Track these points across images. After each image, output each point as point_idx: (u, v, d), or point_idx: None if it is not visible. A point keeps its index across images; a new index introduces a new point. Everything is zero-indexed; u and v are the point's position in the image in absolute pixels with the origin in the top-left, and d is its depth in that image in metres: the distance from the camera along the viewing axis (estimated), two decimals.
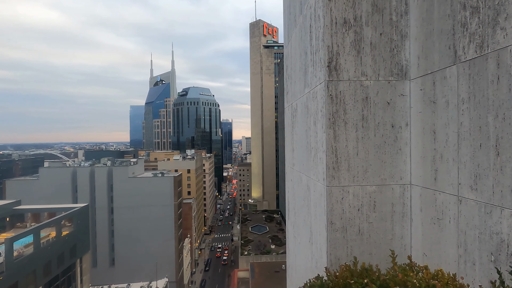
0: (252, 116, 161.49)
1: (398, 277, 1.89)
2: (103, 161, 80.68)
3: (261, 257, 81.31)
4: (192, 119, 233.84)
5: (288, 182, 5.66)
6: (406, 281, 1.85)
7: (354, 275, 2.08)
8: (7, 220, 41.65)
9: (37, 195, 67.39)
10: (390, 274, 2.00)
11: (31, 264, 32.11)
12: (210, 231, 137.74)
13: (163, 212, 74.74)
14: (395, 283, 1.86)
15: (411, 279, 1.86)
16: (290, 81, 5.31)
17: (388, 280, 1.92)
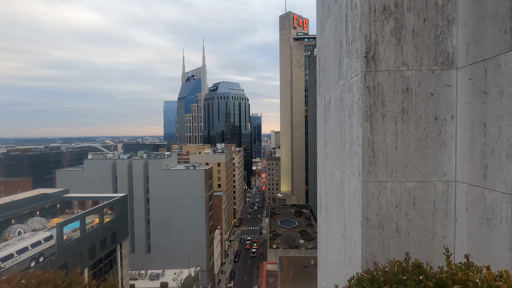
0: (282, 110, 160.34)
1: (457, 276, 1.78)
2: (140, 153, 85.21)
3: (290, 251, 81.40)
4: (222, 114, 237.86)
5: (320, 177, 5.57)
6: (466, 280, 1.72)
7: (406, 272, 1.99)
8: (58, 206, 45.86)
9: (82, 184, 73.14)
10: (445, 273, 1.89)
11: (78, 247, 35.15)
12: (240, 223, 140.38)
13: (194, 204, 77.47)
14: (454, 281, 1.75)
15: (473, 278, 1.74)
16: (323, 74, 5.18)
17: (445, 278, 1.81)
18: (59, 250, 31.81)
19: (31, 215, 40.69)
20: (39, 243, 30.36)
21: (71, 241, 34.43)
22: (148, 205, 79.18)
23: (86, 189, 65.32)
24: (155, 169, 78.32)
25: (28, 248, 29.09)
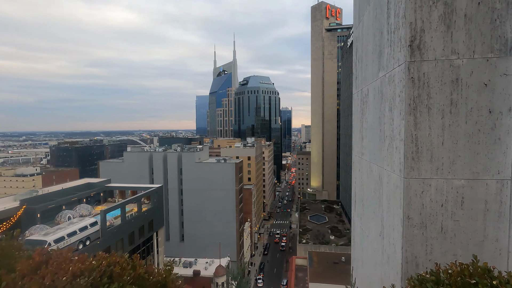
0: (313, 103, 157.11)
1: None
2: (174, 147, 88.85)
3: (320, 247, 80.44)
4: (252, 108, 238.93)
5: (355, 172, 5.40)
6: None
7: (474, 275, 1.85)
8: (101, 195, 49.56)
9: (122, 175, 78.20)
10: None
11: (119, 233, 37.83)
12: (269, 217, 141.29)
13: (225, 196, 79.33)
14: None
15: None
16: (361, 65, 4.97)
17: None
18: (103, 235, 34.46)
19: (78, 202, 44.45)
20: (85, 227, 33.12)
21: (113, 227, 37.11)
22: (181, 196, 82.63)
23: (126, 179, 69.75)
24: (188, 161, 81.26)
25: (76, 232, 31.88)
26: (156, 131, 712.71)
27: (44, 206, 38.47)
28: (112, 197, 52.20)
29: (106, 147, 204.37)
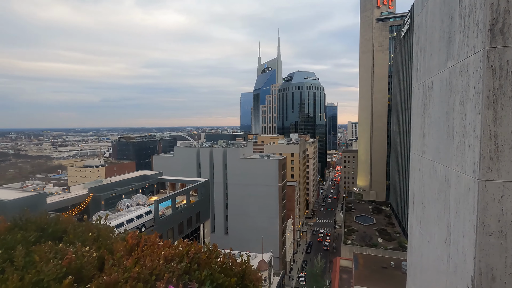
0: (361, 98, 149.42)
1: None
2: (220, 143, 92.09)
3: (366, 249, 76.75)
4: (296, 104, 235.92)
5: (414, 172, 4.98)
6: None
7: None
8: (154, 186, 53.65)
9: (172, 168, 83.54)
10: None
11: (170, 222, 40.62)
12: (312, 215, 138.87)
13: (268, 192, 79.97)
14: None
15: None
16: (423, 55, 4.53)
17: None
18: (156, 223, 37.33)
19: (135, 192, 48.75)
20: (141, 215, 36.22)
21: (165, 216, 39.96)
22: (226, 191, 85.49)
23: (176, 172, 74.38)
24: (233, 157, 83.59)
25: (134, 219, 35.03)
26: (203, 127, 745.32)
27: (107, 194, 42.93)
28: (164, 189, 56.17)
29: (158, 142, 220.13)
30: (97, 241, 2.41)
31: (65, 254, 1.88)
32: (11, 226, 2.36)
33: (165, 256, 2.00)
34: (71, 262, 1.93)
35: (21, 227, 2.39)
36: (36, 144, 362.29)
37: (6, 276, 1.75)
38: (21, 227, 2.39)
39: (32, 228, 2.35)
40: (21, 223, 2.40)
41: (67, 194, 43.24)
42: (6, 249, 1.92)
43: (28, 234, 2.24)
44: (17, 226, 2.37)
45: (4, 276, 1.67)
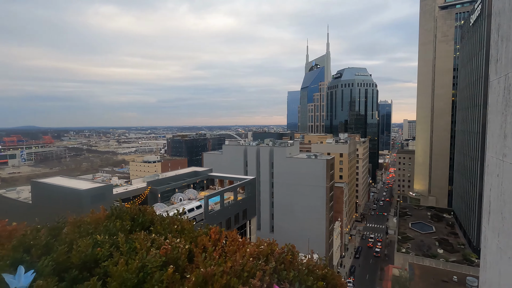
0: (419, 95, 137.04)
1: None
2: (266, 141, 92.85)
3: (424, 260, 70.45)
4: (346, 102, 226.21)
5: (491, 177, 4.39)
6: None
7: None
8: (204, 182, 56.37)
9: (221, 165, 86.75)
10: None
11: (219, 217, 42.30)
12: (362, 218, 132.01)
13: (315, 192, 78.23)
14: None
15: None
16: (506, 44, 3.96)
17: None
18: (205, 217, 39.21)
19: (187, 187, 51.83)
20: (193, 209, 38.36)
21: (214, 211, 41.73)
22: (272, 189, 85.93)
23: (224, 169, 77.12)
24: (279, 156, 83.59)
25: (186, 212, 37.30)
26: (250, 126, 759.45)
27: (163, 188, 46.40)
28: (213, 185, 58.66)
29: (208, 140, 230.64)
30: (182, 234, 2.60)
31: (160, 244, 2.08)
32: (109, 214, 2.68)
33: (251, 253, 2.07)
34: (167, 252, 2.05)
35: (117, 216, 2.69)
36: (104, 141, 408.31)
37: (116, 260, 1.91)
38: (117, 216, 2.69)
39: (127, 218, 2.64)
40: (117, 213, 2.71)
41: (129, 186, 47.88)
42: (110, 234, 2.18)
43: (125, 223, 2.51)
44: (114, 215, 2.68)
45: (114, 260, 1.85)
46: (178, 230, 2.63)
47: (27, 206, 39.23)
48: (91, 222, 2.58)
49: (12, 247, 2.06)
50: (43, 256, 2.01)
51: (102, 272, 1.91)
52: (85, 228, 2.41)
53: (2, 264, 1.80)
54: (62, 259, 1.92)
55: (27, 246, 2.08)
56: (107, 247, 2.10)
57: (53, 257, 1.91)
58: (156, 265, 1.94)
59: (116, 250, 2.09)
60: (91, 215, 2.68)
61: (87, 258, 1.97)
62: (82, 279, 1.85)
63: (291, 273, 2.10)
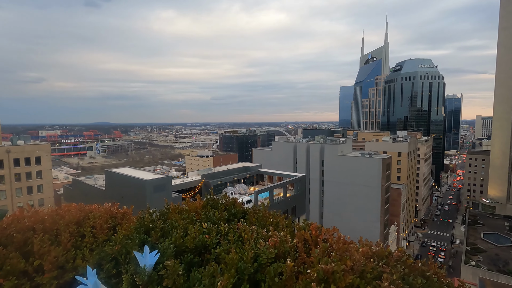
0: (498, 87, 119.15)
1: None
2: (317, 138, 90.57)
3: (499, 276, 61.62)
4: (405, 97, 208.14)
5: None
6: None
7: None
8: (254, 177, 57.53)
9: (270, 161, 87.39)
10: None
11: None
12: (422, 224, 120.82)
13: (369, 193, 73.98)
14: None
15: None
16: None
17: None
18: None
19: (238, 181, 53.52)
20: (243, 204, 39.56)
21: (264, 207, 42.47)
22: (322, 187, 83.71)
23: (273, 166, 77.57)
24: (330, 154, 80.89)
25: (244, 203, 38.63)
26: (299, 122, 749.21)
27: (215, 181, 48.67)
28: (262, 181, 59.54)
29: (258, 137, 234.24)
30: (277, 227, 2.67)
31: (265, 236, 2.21)
32: (204, 203, 2.89)
33: (364, 253, 1.99)
34: (275, 245, 2.09)
35: (211, 206, 2.89)
36: (164, 136, 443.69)
37: (226, 248, 2.02)
38: (211, 206, 2.90)
39: (222, 208, 2.82)
40: (211, 203, 2.91)
41: (185, 179, 51.36)
42: (211, 223, 2.37)
43: (224, 213, 2.70)
44: (209, 205, 2.89)
45: (224, 247, 2.02)
46: (273, 223, 2.69)
47: (102, 191, 44.82)
48: (190, 210, 2.80)
49: (134, 228, 2.28)
50: (161, 238, 2.20)
51: (212, 258, 2.04)
52: (190, 216, 2.57)
53: (131, 243, 2.03)
54: (179, 243, 2.07)
55: (146, 228, 2.29)
56: (214, 234, 2.20)
57: (172, 240, 2.08)
58: (270, 257, 1.98)
59: (223, 239, 2.18)
60: (189, 204, 2.90)
61: (198, 244, 2.13)
62: (196, 263, 2.01)
63: (418, 280, 1.89)
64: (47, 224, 2.26)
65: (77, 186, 53.99)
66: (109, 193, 42.46)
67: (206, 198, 2.94)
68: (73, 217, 2.38)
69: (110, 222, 2.43)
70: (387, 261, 1.90)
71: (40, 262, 1.93)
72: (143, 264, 1.79)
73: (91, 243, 2.23)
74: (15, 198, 62.91)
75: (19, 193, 63.42)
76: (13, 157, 62.70)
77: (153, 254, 1.82)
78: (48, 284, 1.87)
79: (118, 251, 2.05)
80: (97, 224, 2.35)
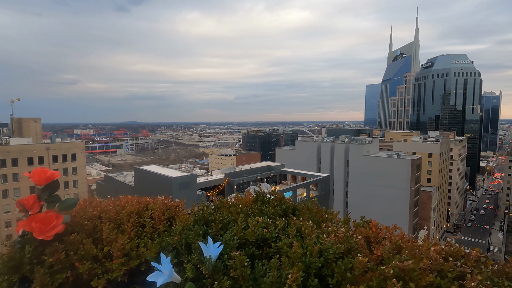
0: None
1: None
2: (342, 138, 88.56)
3: None
4: (437, 95, 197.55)
5: None
6: None
7: None
8: (277, 177, 57.41)
9: (293, 161, 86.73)
10: None
11: None
12: (455, 229, 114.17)
13: (396, 195, 71.17)
14: None
15: None
16: None
17: None
18: None
19: (261, 180, 53.68)
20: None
21: None
22: (347, 188, 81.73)
23: (296, 165, 76.91)
24: (356, 154, 78.73)
25: None
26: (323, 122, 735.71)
27: (239, 180, 49.14)
28: (285, 180, 59.25)
29: (281, 136, 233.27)
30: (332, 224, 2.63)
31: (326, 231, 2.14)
32: (254, 199, 2.93)
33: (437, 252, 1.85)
34: (340, 241, 2.05)
35: (262, 201, 2.93)
36: (188, 135, 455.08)
37: (287, 242, 1.99)
38: (262, 200, 2.93)
39: (274, 203, 2.85)
40: (261, 198, 2.93)
41: (209, 177, 52.33)
42: (268, 217, 2.40)
43: (277, 208, 2.73)
44: (259, 200, 2.93)
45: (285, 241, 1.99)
46: (327, 219, 2.64)
47: (131, 188, 46.88)
48: (241, 204, 2.82)
49: (194, 220, 2.37)
50: (220, 230, 2.27)
51: (273, 251, 2.04)
52: (244, 210, 2.62)
53: (195, 233, 2.09)
54: (239, 235, 2.10)
55: (206, 220, 2.37)
56: (273, 228, 2.18)
57: (234, 232, 2.12)
58: (338, 252, 1.95)
59: (282, 233, 2.15)
60: (239, 198, 2.97)
61: (259, 237, 2.12)
62: (257, 256, 2.04)
63: (505, 282, 1.74)
64: (111, 213, 2.39)
65: (109, 182, 56.89)
66: (137, 189, 44.35)
67: (256, 193, 2.96)
68: (134, 208, 2.51)
69: (167, 214, 2.53)
70: (465, 261, 1.73)
71: (109, 249, 2.09)
72: (208, 254, 1.84)
73: (150, 233, 2.34)
74: None
75: None
76: (52, 154, 67.36)
77: (216, 245, 1.87)
78: (117, 270, 2.03)
79: (178, 241, 2.14)
80: (155, 215, 2.46)
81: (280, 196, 2.81)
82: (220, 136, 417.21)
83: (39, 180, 2.07)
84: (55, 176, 2.14)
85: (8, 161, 63.00)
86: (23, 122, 76.90)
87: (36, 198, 2.06)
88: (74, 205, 2.16)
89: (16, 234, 2.10)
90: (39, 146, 66.96)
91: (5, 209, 63.17)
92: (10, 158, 63.31)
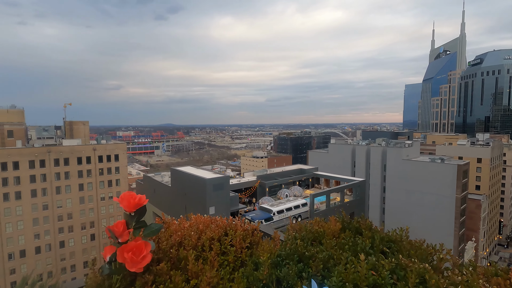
0: None
1: None
2: (378, 141, 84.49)
3: None
4: (487, 94, 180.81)
5: None
6: None
7: None
8: (310, 180, 56.27)
9: (326, 164, 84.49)
10: None
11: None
12: (508, 243, 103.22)
13: (440, 203, 66.12)
14: None
15: None
16: None
17: None
18: (310, 216, 39.13)
19: (293, 183, 52.99)
20: (298, 206, 38.95)
21: (319, 211, 41.14)
22: (384, 194, 77.73)
23: (329, 169, 74.83)
24: (394, 158, 74.65)
25: (292, 208, 38.21)
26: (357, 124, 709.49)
27: (271, 182, 48.95)
28: (318, 184, 57.84)
29: (313, 138, 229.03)
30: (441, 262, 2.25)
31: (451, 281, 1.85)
32: (340, 226, 2.62)
33: None
34: None
35: (349, 229, 2.63)
36: (221, 137, 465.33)
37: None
38: (349, 228, 2.63)
39: (368, 234, 2.48)
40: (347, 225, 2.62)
41: (241, 179, 52.85)
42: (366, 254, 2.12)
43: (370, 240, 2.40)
44: (346, 227, 2.62)
45: None
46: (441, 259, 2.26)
47: (168, 188, 48.93)
48: (327, 233, 2.48)
49: (286, 254, 2.07)
50: (321, 270, 1.99)
51: None
52: (339, 243, 2.30)
53: (293, 273, 1.86)
54: (348, 279, 1.82)
55: (300, 256, 2.06)
56: (384, 271, 1.83)
57: (341, 276, 1.83)
58: None
59: (396, 278, 1.82)
60: (323, 224, 2.58)
61: (370, 282, 1.81)
62: None
63: None
64: (193, 240, 2.28)
65: (147, 182, 59.99)
66: (174, 189, 46.15)
67: (342, 219, 2.60)
68: (214, 233, 2.38)
69: (248, 241, 2.36)
70: None
71: (196, 282, 1.95)
72: None
73: (233, 262, 2.17)
74: (99, 189, 73.07)
75: (102, 185, 73.46)
76: (98, 154, 72.86)
77: None
78: None
79: (267, 276, 1.92)
80: (235, 242, 2.30)
81: (368, 224, 2.39)
82: (252, 138, 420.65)
83: (129, 206, 1.95)
84: (143, 202, 2.01)
85: (61, 160, 69.28)
86: (73, 125, 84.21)
87: (125, 225, 1.97)
88: (158, 231, 2.05)
89: (102, 259, 2.02)
90: (87, 147, 72.79)
91: (58, 204, 69.45)
92: (63, 158, 69.56)
